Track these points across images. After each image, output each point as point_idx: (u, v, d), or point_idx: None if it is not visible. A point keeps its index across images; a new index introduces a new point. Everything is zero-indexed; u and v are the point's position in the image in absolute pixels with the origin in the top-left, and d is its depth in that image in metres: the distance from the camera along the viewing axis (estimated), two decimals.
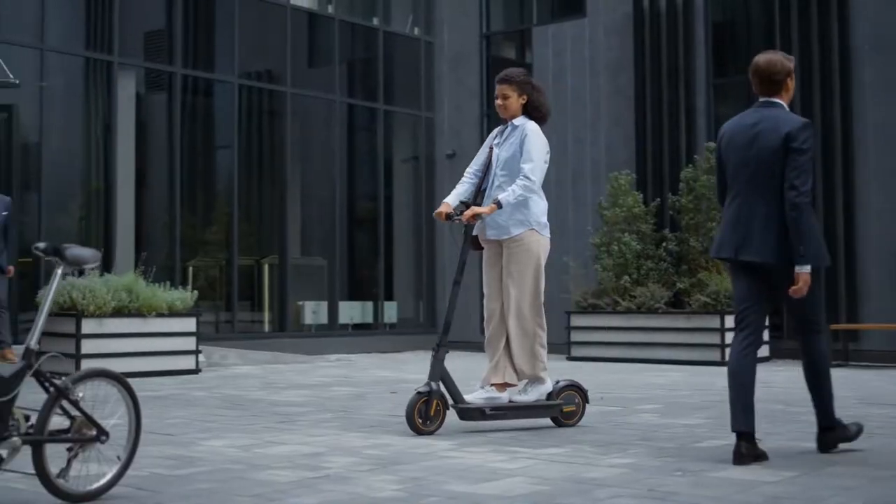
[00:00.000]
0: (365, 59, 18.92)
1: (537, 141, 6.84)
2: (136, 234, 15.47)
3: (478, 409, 6.75)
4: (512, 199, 6.68)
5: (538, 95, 7.04)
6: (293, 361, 14.46)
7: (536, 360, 6.94)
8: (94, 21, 15.20)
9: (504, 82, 7.01)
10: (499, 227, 6.90)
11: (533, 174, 6.72)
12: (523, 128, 6.90)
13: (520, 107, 6.99)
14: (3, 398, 4.18)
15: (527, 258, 6.86)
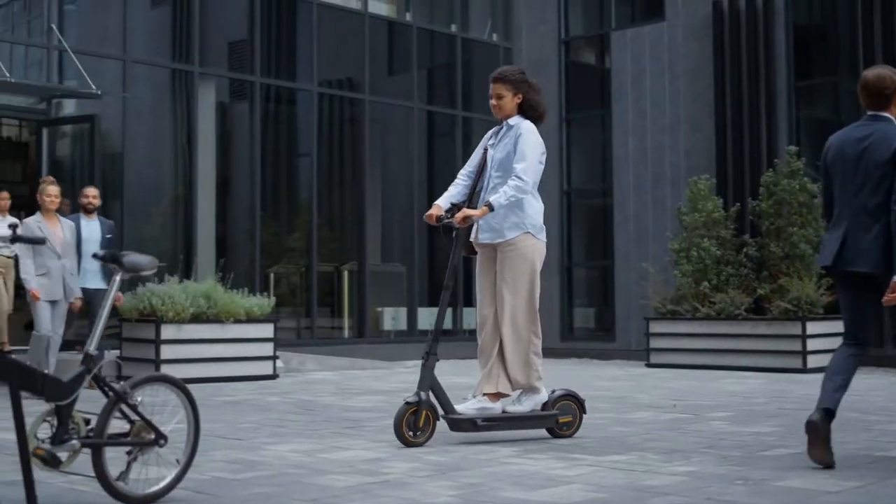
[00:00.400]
0: (443, 66, 18.98)
1: (532, 140, 6.59)
2: (217, 241, 15.69)
3: (469, 419, 6.50)
4: (503, 201, 6.41)
5: (534, 94, 6.78)
6: (371, 367, 14.55)
7: (531, 368, 6.69)
8: (176, 32, 15.47)
9: (498, 81, 6.74)
10: (493, 230, 6.65)
11: (525, 174, 6.46)
12: (518, 127, 6.65)
13: (515, 106, 6.74)
14: (63, 402, 4.27)
15: (522, 263, 6.60)
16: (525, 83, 6.73)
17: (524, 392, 6.75)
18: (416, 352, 16.69)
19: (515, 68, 6.88)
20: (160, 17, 15.54)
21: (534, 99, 6.74)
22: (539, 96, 6.80)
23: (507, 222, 6.58)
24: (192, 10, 15.26)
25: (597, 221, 18.82)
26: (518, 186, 6.44)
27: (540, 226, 6.71)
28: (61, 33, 13.89)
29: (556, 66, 18.87)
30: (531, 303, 6.66)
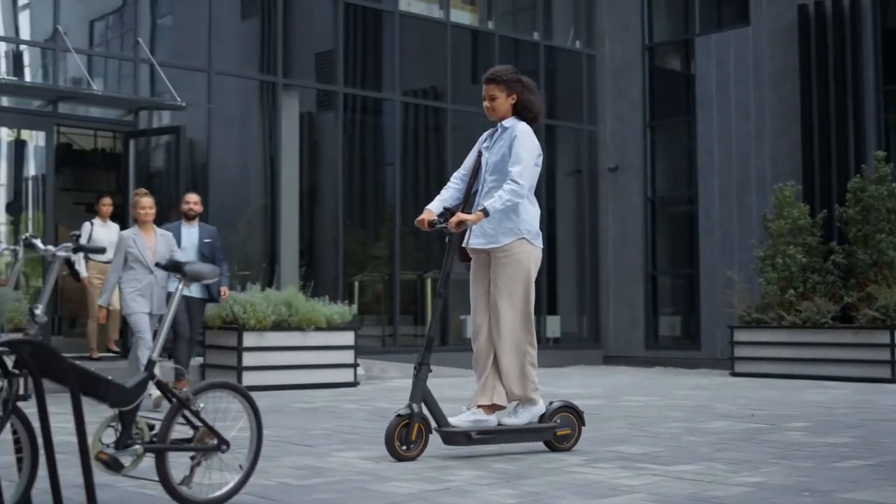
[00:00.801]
0: (525, 74, 18.88)
1: (527, 142, 6.33)
2: (301, 250, 15.86)
3: (463, 433, 6.24)
4: (499, 206, 6.14)
5: (528, 94, 6.51)
6: (452, 375, 14.57)
7: (527, 379, 6.44)
8: (263, 44, 15.70)
9: (490, 82, 6.51)
10: (486, 235, 6.37)
11: (521, 177, 6.18)
12: (513, 129, 6.39)
13: (509, 107, 6.49)
14: (126, 408, 4.36)
15: (516, 270, 6.33)
16: (519, 83, 6.50)
17: (521, 404, 6.51)
18: None
19: (508, 68, 6.62)
20: (246, 30, 15.79)
21: (528, 99, 6.49)
22: (534, 96, 6.55)
23: (502, 228, 6.32)
24: (277, 22, 15.47)
25: (682, 229, 18.63)
26: (514, 190, 6.18)
27: (536, 231, 6.46)
28: (150, 47, 14.18)
29: (640, 71, 18.74)
30: (526, 311, 6.42)
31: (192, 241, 10.88)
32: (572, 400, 6.49)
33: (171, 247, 9.99)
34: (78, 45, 13.78)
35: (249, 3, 15.69)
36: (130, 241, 9.71)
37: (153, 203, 10.04)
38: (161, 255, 9.69)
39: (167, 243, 9.99)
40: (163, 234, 10.06)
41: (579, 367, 17.52)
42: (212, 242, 11.02)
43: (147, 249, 9.73)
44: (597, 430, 7.83)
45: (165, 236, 10.06)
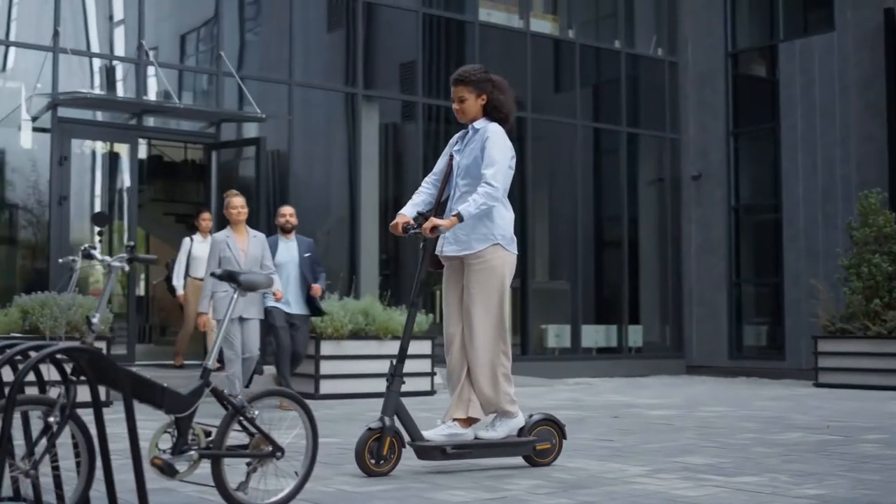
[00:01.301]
0: (607, 82, 18.90)
1: (500, 144, 6.06)
2: (381, 259, 15.98)
3: (438, 447, 5.94)
4: (474, 210, 5.87)
5: (499, 94, 6.19)
6: (531, 384, 14.56)
7: (501, 391, 6.15)
8: (341, 55, 15.88)
9: (459, 83, 6.18)
10: (460, 242, 6.09)
11: (496, 180, 5.93)
12: (484, 131, 6.11)
13: (480, 108, 6.19)
14: (182, 414, 4.46)
15: (490, 277, 6.05)
16: (488, 82, 6.19)
17: (498, 417, 6.23)
18: (580, 369, 16.79)
19: (477, 67, 6.29)
20: (328, 41, 15.98)
21: (498, 99, 6.18)
22: (504, 95, 6.24)
23: (475, 233, 6.05)
24: (358, 33, 15.63)
25: (766, 237, 18.40)
26: (489, 194, 5.93)
27: (510, 237, 6.19)
28: (238, 60, 14.45)
29: (723, 78, 18.56)
30: (501, 320, 6.12)
31: (292, 255, 10.76)
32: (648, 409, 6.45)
33: (264, 249, 9.73)
34: (168, 59, 14.11)
35: (335, 15, 15.90)
36: (223, 244, 9.47)
37: (245, 202, 9.75)
38: (254, 258, 9.52)
39: (260, 245, 9.72)
40: (255, 235, 9.78)
41: (661, 377, 17.39)
42: (311, 256, 10.92)
43: (240, 252, 9.48)
44: (665, 440, 7.79)
45: (258, 238, 9.77)
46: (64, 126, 12.98)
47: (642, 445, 7.43)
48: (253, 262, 9.52)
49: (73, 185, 13.17)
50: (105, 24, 14.11)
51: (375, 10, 16.22)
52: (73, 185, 13.12)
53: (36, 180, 13.25)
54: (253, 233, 9.79)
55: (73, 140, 13.18)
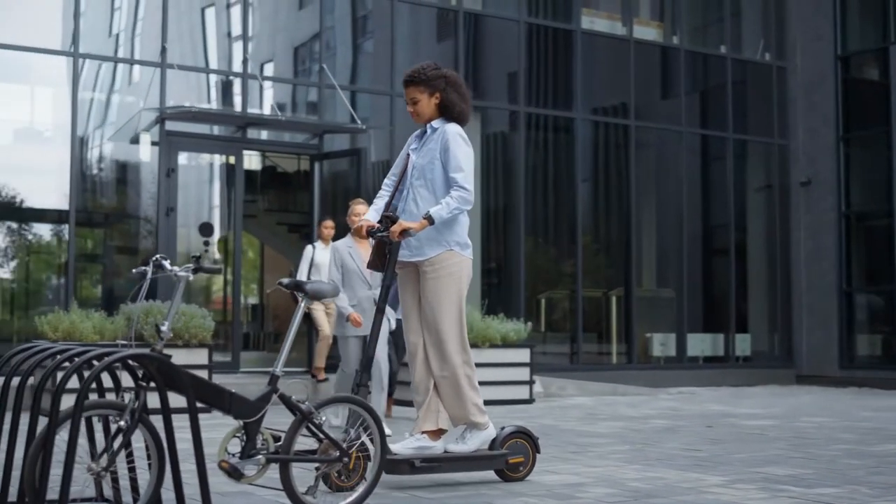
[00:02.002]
0: (713, 88, 18.67)
1: (463, 146, 5.79)
2: (483, 267, 16.04)
3: (406, 460, 5.63)
4: (446, 214, 5.61)
5: (452, 92, 5.88)
6: (632, 393, 14.48)
7: (467, 402, 5.86)
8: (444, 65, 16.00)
9: (409, 84, 5.91)
10: (411, 247, 5.80)
11: (468, 183, 5.66)
12: (443, 131, 5.82)
13: (434, 108, 5.88)
14: (250, 419, 4.60)
15: (448, 284, 5.77)
16: (441, 79, 5.88)
17: (469, 429, 5.93)
18: (686, 378, 16.63)
19: (428, 65, 5.97)
20: (432, 53, 16.14)
21: (450, 98, 5.86)
22: (458, 93, 5.92)
23: (429, 239, 5.75)
24: (459, 43, 15.75)
25: (878, 244, 17.97)
26: (462, 197, 5.66)
27: (465, 241, 5.89)
28: (351, 72, 14.72)
29: (833, 83, 18.20)
30: (460, 328, 5.83)
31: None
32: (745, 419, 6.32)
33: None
34: (271, 72, 14.44)
35: (441, 27, 16.05)
36: (345, 253, 8.98)
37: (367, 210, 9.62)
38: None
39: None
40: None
41: (769, 387, 17.10)
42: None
43: (362, 262, 8.82)
44: (753, 450, 7.70)
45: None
46: (171, 139, 13.37)
47: (728, 455, 7.35)
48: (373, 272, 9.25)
49: (181, 196, 13.53)
50: (211, 39, 14.49)
51: (481, 21, 16.35)
52: (180, 197, 13.49)
53: (145, 192, 13.67)
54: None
55: (181, 153, 13.56)
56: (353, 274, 8.83)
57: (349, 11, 15.65)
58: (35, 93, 13.74)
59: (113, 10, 14.00)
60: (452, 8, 15.89)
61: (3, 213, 13.13)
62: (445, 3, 15.96)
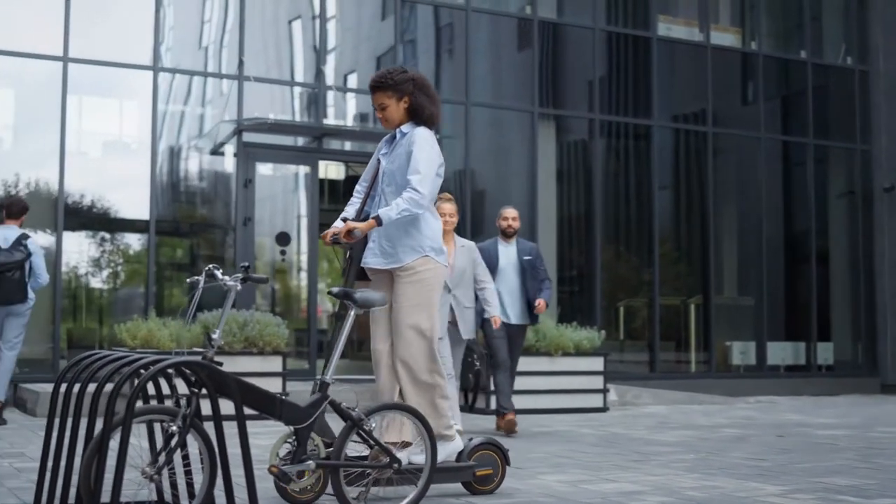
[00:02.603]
0: (793, 94, 18.46)
1: (427, 150, 5.63)
2: (559, 276, 16.04)
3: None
4: (395, 215, 5.46)
5: (421, 94, 5.73)
6: (708, 402, 14.37)
7: (440, 414, 5.64)
8: (519, 74, 16.06)
9: (376, 90, 5.75)
10: (386, 254, 5.67)
11: (422, 186, 5.50)
12: (411, 135, 5.69)
13: (404, 112, 5.73)
14: (301, 425, 4.71)
15: (422, 291, 5.61)
16: (408, 82, 5.72)
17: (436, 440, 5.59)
18: (766, 387, 16.47)
19: (394, 69, 5.82)
20: (508, 62, 16.23)
21: (419, 102, 5.72)
22: (426, 95, 5.77)
23: (402, 245, 5.64)
24: (534, 51, 15.80)
25: None
26: (413, 199, 5.49)
27: (439, 247, 5.76)
28: None
29: None
30: (433, 337, 5.62)
31: (511, 261, 10.00)
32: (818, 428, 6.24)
33: (474, 260, 8.90)
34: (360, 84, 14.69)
35: (517, 35, 16.12)
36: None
37: (456, 210, 8.81)
38: (461, 270, 8.69)
39: (469, 256, 8.87)
40: (464, 245, 8.86)
41: (852, 397, 16.83)
42: (532, 259, 10.05)
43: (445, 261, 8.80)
44: (820, 460, 7.63)
45: (467, 247, 8.88)
46: (248, 150, 13.62)
47: (793, 465, 7.30)
48: (461, 274, 8.74)
49: (258, 206, 13.78)
50: (287, 52, 14.74)
51: (557, 30, 16.39)
52: (257, 207, 13.73)
53: (224, 202, 13.95)
54: (461, 242, 8.87)
55: (258, 163, 13.80)
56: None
57: (431, 21, 15.79)
58: (121, 106, 14.11)
59: (192, 25, 14.34)
60: (528, 17, 15.93)
61: (91, 224, 13.50)
62: (522, 13, 16.02)
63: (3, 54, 12.69)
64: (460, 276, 8.70)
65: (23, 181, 12.93)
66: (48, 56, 12.82)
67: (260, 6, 14.35)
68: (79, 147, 13.38)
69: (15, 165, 12.97)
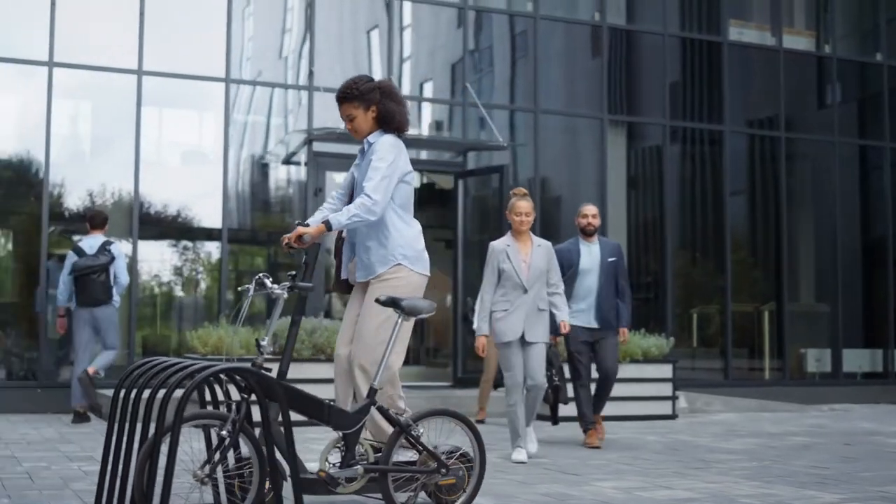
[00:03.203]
0: (869, 97, 18.19)
1: (386, 156, 5.51)
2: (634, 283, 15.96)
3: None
4: (344, 220, 5.34)
5: (388, 102, 5.65)
6: (780, 410, 14.22)
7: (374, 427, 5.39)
8: (589, 81, 16.06)
9: (344, 101, 5.69)
10: (365, 267, 5.61)
11: (375, 193, 5.38)
12: (376, 143, 5.60)
13: (372, 121, 5.65)
14: (349, 430, 4.80)
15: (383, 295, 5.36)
16: (375, 91, 5.66)
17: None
18: (842, 395, 16.27)
19: (360, 78, 5.72)
20: (579, 70, 16.24)
21: (387, 109, 5.65)
22: (394, 103, 5.68)
23: (375, 256, 5.55)
24: (603, 58, 15.79)
25: None
26: (364, 205, 5.38)
27: (415, 255, 5.63)
28: (486, 90, 14.97)
29: None
30: (386, 342, 5.23)
31: (594, 261, 9.30)
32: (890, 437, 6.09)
33: (550, 260, 8.31)
34: (416, 92, 14.79)
35: (592, 42, 16.12)
36: (502, 254, 8.17)
37: (532, 207, 8.31)
38: (539, 270, 8.15)
39: (546, 256, 8.28)
40: (540, 244, 8.30)
41: None
42: (616, 261, 9.38)
43: (522, 263, 8.14)
44: (884, 469, 7.57)
45: (544, 247, 8.30)
46: (319, 160, 13.79)
47: (855, 474, 7.23)
48: (537, 275, 8.16)
49: None
50: (356, 61, 14.92)
51: (628, 36, 16.37)
52: None
53: (294, 211, 14.15)
54: (538, 241, 8.32)
55: (328, 172, 13.97)
56: (509, 277, 8.08)
57: (504, 30, 15.87)
58: (194, 117, 14.40)
59: (263, 37, 14.60)
60: (597, 24, 15.93)
61: (166, 233, 13.80)
62: (591, 20, 16.01)
63: (81, 68, 13.04)
64: (537, 276, 8.16)
65: (100, 191, 13.28)
66: (124, 69, 13.13)
67: (332, 17, 14.55)
68: (153, 158, 13.68)
69: (93, 176, 13.32)
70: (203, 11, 14.00)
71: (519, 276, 8.06)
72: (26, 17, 13.08)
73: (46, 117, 12.70)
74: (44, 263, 12.54)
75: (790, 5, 18.16)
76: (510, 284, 8.10)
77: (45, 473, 6.74)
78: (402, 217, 5.65)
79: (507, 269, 8.08)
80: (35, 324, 12.72)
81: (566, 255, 9.15)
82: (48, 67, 12.75)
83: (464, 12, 15.02)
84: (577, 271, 9.18)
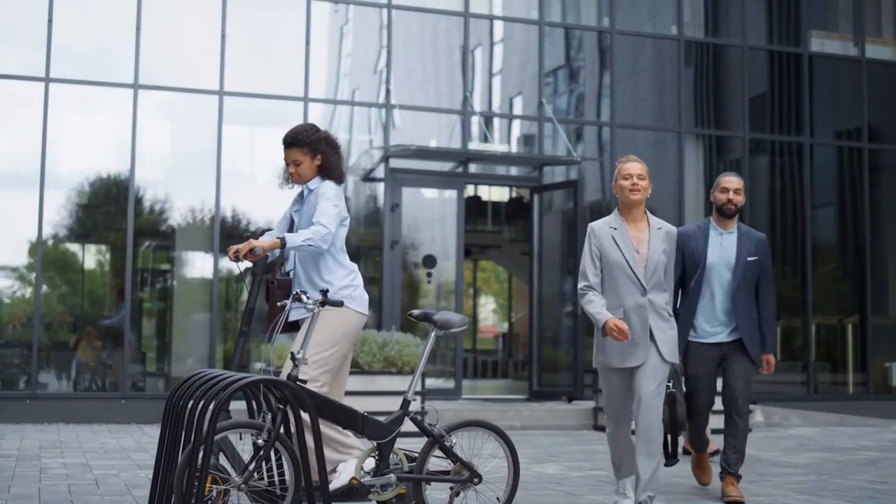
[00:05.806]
0: None
1: (334, 198, 5.71)
2: None
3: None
4: (298, 241, 5.44)
5: (332, 154, 5.86)
6: (859, 424, 14.06)
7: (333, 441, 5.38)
8: (664, 95, 16.07)
9: (292, 146, 5.84)
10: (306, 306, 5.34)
11: (330, 225, 5.54)
12: (318, 188, 5.79)
13: (315, 169, 5.85)
14: (383, 440, 5.00)
15: (319, 334, 5.41)
16: (322, 141, 5.87)
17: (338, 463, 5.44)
18: None
19: (307, 126, 5.94)
20: (655, 84, 16.26)
21: (331, 160, 5.87)
22: (337, 154, 5.91)
23: (315, 295, 5.36)
24: (679, 71, 15.80)
25: None
26: (319, 232, 5.51)
27: (350, 293, 5.71)
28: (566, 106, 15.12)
29: None
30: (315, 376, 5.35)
31: (727, 255, 7.01)
32: None
33: (670, 246, 6.01)
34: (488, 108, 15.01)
35: (672, 56, 16.14)
36: (608, 237, 5.99)
37: (646, 171, 6.17)
38: (657, 263, 5.90)
39: (667, 244, 6.00)
40: (661, 227, 6.03)
41: None
42: (759, 261, 7.04)
43: (633, 250, 5.92)
44: None
45: (665, 231, 6.02)
46: (395, 176, 14.05)
47: None
48: (654, 267, 5.88)
49: (404, 229, 14.21)
50: (430, 79, 15.17)
51: (706, 49, 16.36)
52: (404, 230, 14.17)
53: (371, 226, 14.43)
54: (657, 223, 6.08)
55: (404, 188, 14.22)
56: (617, 268, 5.87)
57: (585, 45, 16.00)
58: (273, 136, 14.72)
59: (340, 56, 14.94)
60: (674, 37, 15.94)
61: None
62: (668, 33, 16.03)
63: (166, 90, 13.51)
64: (654, 271, 5.90)
65: (182, 207, 13.74)
66: (206, 90, 13.55)
67: (410, 36, 14.83)
68: (235, 175, 14.06)
69: (177, 193, 13.76)
70: (282, 33, 14.38)
71: (631, 266, 5.86)
72: (114, 42, 13.59)
73: (132, 137, 13.16)
74: (129, 279, 12.97)
75: (876, 15, 17.94)
76: (619, 277, 5.90)
77: (112, 480, 7.05)
78: (338, 258, 5.77)
79: (615, 258, 5.91)
80: (121, 337, 13.17)
81: (689, 245, 7.01)
82: (133, 89, 13.22)
83: (540, 28, 15.17)
84: (702, 268, 6.95)
